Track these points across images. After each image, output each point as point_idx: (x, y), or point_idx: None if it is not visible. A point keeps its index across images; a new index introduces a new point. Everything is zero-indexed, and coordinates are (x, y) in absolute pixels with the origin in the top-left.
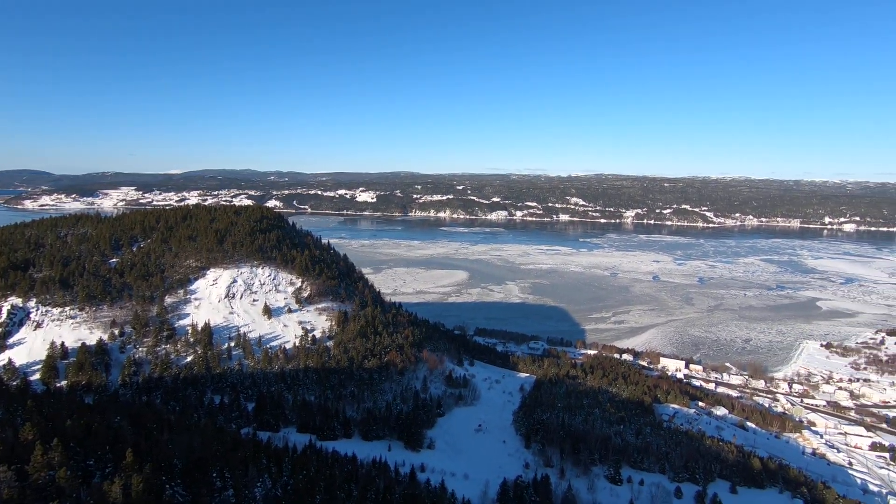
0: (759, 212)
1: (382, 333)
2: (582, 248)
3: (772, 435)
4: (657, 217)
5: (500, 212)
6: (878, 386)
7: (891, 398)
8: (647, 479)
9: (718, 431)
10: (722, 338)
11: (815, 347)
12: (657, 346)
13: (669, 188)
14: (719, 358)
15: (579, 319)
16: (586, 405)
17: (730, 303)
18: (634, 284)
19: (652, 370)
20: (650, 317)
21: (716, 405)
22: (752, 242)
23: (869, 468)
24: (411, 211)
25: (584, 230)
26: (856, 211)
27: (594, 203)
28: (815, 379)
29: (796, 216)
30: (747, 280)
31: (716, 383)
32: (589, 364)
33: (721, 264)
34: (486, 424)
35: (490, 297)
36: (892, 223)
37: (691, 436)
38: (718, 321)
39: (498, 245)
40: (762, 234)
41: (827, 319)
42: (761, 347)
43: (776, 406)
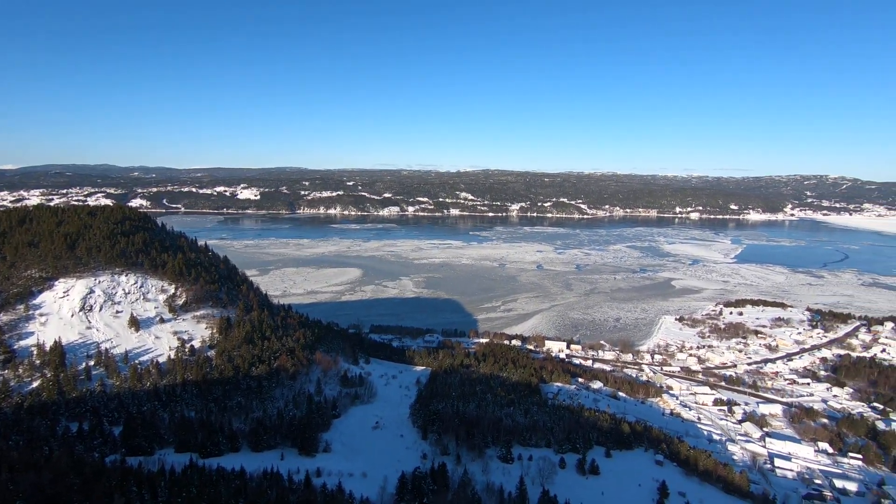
0: (624, 203)
1: (271, 338)
2: (472, 241)
3: (639, 401)
4: (539, 210)
5: (392, 207)
6: (718, 350)
7: (728, 360)
8: (536, 454)
9: (595, 403)
10: (597, 318)
11: (671, 321)
12: (542, 330)
13: (549, 183)
14: (595, 337)
15: (472, 310)
16: (479, 392)
17: (603, 286)
18: (521, 274)
19: (538, 353)
20: (536, 303)
21: (593, 380)
22: (619, 231)
23: (713, 421)
24: (299, 208)
25: (473, 224)
26: (699, 201)
27: (482, 198)
28: (672, 349)
29: (654, 207)
30: (616, 265)
31: (593, 360)
32: (481, 352)
33: (595, 252)
34: (384, 421)
35: (384, 294)
36: (726, 211)
37: (572, 410)
38: (594, 303)
39: (391, 241)
40: (627, 224)
41: (679, 296)
42: (629, 324)
43: (642, 375)
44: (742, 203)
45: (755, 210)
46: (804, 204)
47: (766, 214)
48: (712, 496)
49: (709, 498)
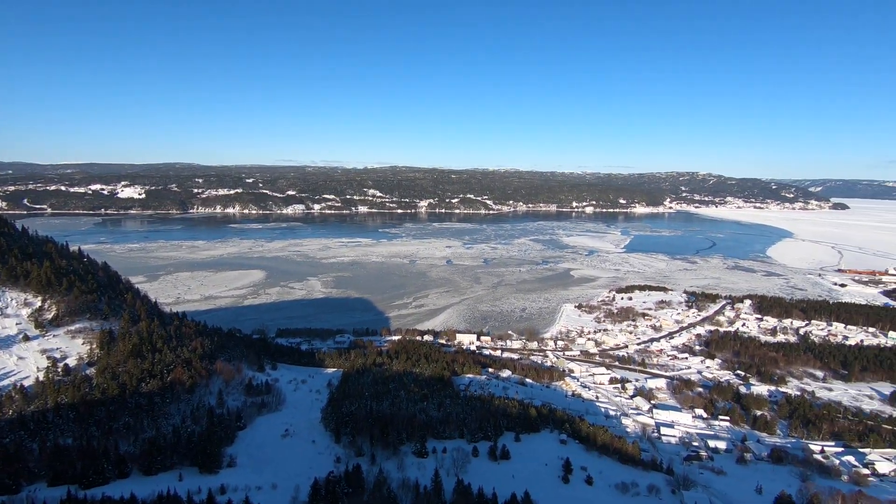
0: (527, 199)
1: (163, 350)
2: (382, 238)
3: (544, 386)
4: (447, 206)
5: (297, 205)
6: (612, 333)
7: (620, 341)
8: (450, 446)
9: (505, 391)
10: (505, 310)
11: (571, 308)
12: (454, 324)
13: (457, 179)
14: (503, 327)
15: (383, 308)
16: (392, 389)
17: (509, 279)
18: (431, 269)
19: (450, 347)
20: (446, 298)
21: (502, 369)
22: (523, 225)
23: (609, 398)
24: (193, 207)
25: (382, 221)
26: (593, 196)
27: (391, 194)
28: (572, 334)
29: (554, 202)
30: (521, 258)
31: (502, 350)
32: (394, 350)
33: (501, 246)
34: (294, 427)
35: (291, 295)
36: (616, 205)
37: (484, 400)
38: (501, 295)
39: (297, 240)
40: (530, 218)
41: (578, 285)
42: (534, 314)
43: (547, 361)
44: (629, 197)
45: (640, 204)
46: (680, 198)
47: (649, 208)
48: (609, 467)
49: (606, 469)
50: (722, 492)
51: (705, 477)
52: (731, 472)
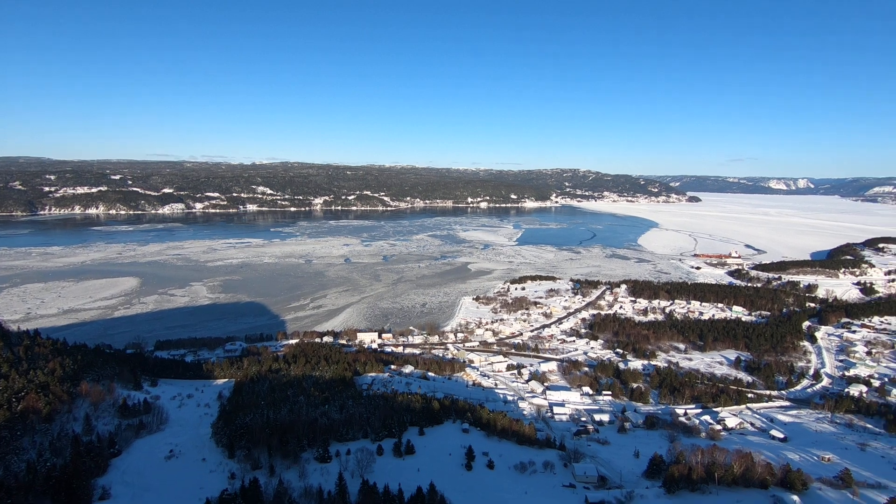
0: (424, 195)
1: (11, 374)
2: (274, 237)
3: (446, 378)
4: (343, 203)
5: (176, 204)
6: (508, 322)
7: (516, 330)
8: (354, 447)
9: (408, 387)
10: (406, 306)
11: (470, 301)
12: (354, 324)
13: (352, 176)
14: (405, 323)
15: (279, 311)
16: (291, 395)
17: (409, 275)
18: (329, 269)
19: (351, 346)
20: (346, 297)
21: (405, 365)
22: (420, 221)
23: (507, 384)
24: (44, 208)
25: (274, 220)
26: (487, 192)
27: (282, 192)
28: (471, 326)
29: (450, 198)
30: (420, 254)
31: (404, 346)
32: (292, 354)
33: (400, 242)
34: (180, 447)
35: (172, 303)
36: (508, 200)
37: (387, 397)
38: (402, 292)
39: (177, 242)
40: (427, 214)
41: (475, 278)
42: (434, 308)
43: (448, 354)
44: (520, 193)
45: (530, 199)
46: (564, 193)
47: (538, 202)
48: (509, 450)
49: (506, 452)
50: (607, 460)
51: (592, 448)
52: (614, 442)
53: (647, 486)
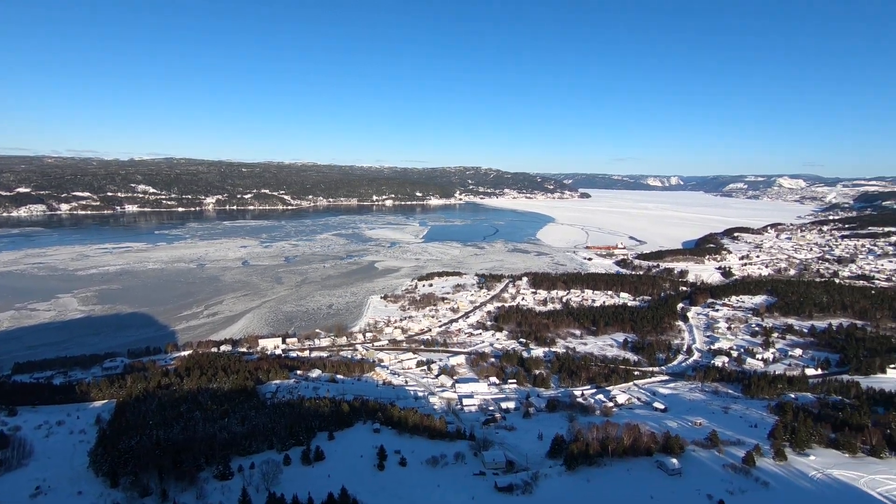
0: (327, 193)
1: None
2: (160, 241)
3: (356, 379)
4: (239, 202)
5: (35, 206)
6: (417, 319)
7: (425, 326)
8: (258, 460)
9: (316, 391)
10: (311, 308)
11: (378, 300)
12: (255, 330)
13: (248, 173)
14: (311, 326)
15: (167, 321)
16: (185, 411)
17: (313, 276)
18: (225, 273)
19: (252, 354)
20: (245, 302)
21: (312, 369)
22: (324, 220)
23: (417, 380)
24: None
25: (160, 221)
26: (392, 190)
27: (168, 191)
28: (380, 325)
29: (354, 196)
30: (325, 254)
31: (310, 349)
32: (184, 367)
33: (303, 243)
34: (50, 482)
35: (34, 319)
36: (413, 198)
37: (293, 404)
38: (306, 294)
39: (38, 249)
40: (331, 213)
41: (383, 276)
42: (342, 309)
43: (357, 355)
44: (425, 190)
45: (435, 196)
46: (468, 190)
47: (442, 199)
48: (421, 446)
49: (418, 448)
50: (513, 445)
51: (500, 435)
52: (519, 427)
53: (551, 465)
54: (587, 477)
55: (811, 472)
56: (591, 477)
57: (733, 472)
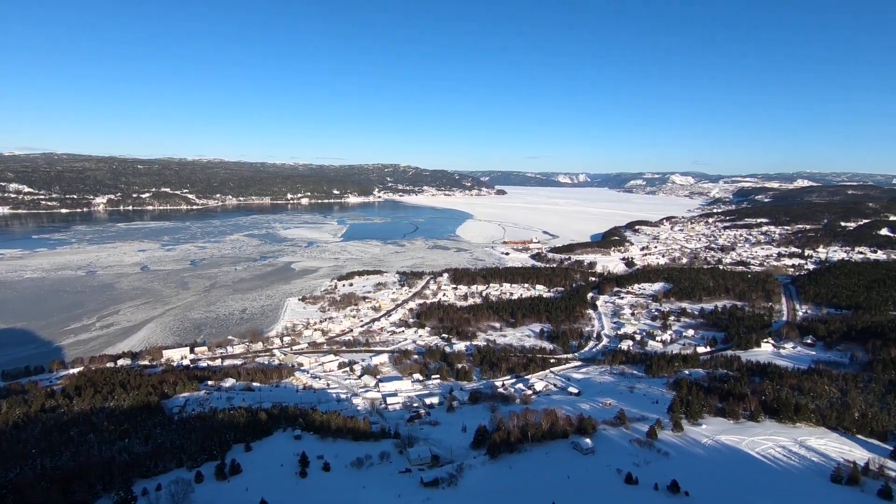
0: (236, 192)
1: None
2: (39, 247)
3: (274, 386)
4: (136, 202)
5: None
6: (338, 320)
7: (346, 327)
8: (165, 480)
9: (230, 402)
10: (222, 314)
11: (296, 302)
12: (158, 340)
13: (145, 170)
14: (222, 333)
15: (51, 336)
16: (77, 435)
17: (224, 279)
18: (120, 280)
19: (156, 367)
20: (145, 311)
21: (225, 378)
22: (234, 220)
23: (339, 382)
24: None
25: (38, 224)
26: (307, 187)
27: (48, 190)
28: (299, 327)
29: (267, 194)
30: (236, 256)
31: (222, 358)
32: (74, 386)
33: (210, 244)
34: None
35: None
36: (331, 196)
37: (205, 417)
38: (216, 299)
39: None
40: (242, 213)
41: (300, 278)
42: (256, 313)
43: (274, 360)
44: (343, 188)
45: (353, 194)
46: (387, 188)
47: (361, 197)
48: (345, 449)
49: (342, 451)
50: (438, 439)
51: (425, 431)
52: (444, 421)
53: (475, 455)
54: (509, 464)
55: (703, 440)
56: (512, 463)
57: (639, 446)
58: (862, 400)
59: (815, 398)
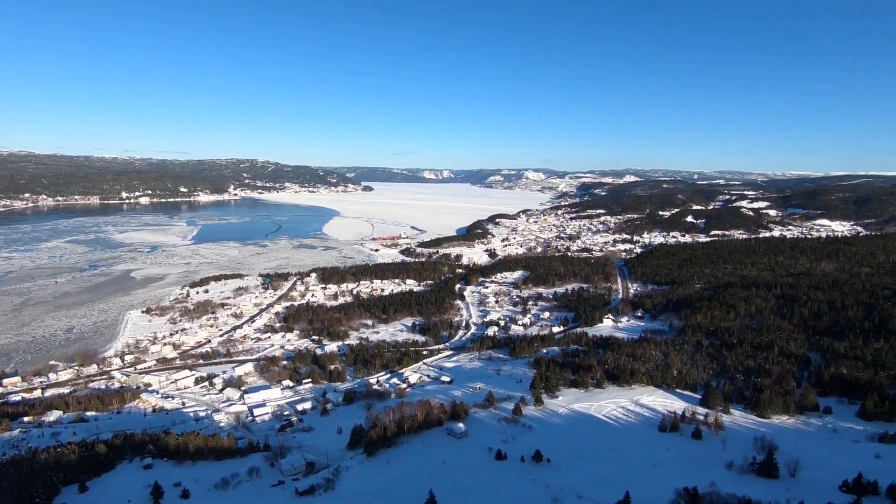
0: (53, 191)
1: None
2: None
3: (114, 413)
4: None
5: None
6: (192, 331)
7: (202, 338)
8: None
9: (55, 438)
10: (39, 336)
11: (138, 315)
12: None
13: None
14: (42, 359)
15: None
16: None
17: (40, 294)
18: None
19: None
20: None
21: (47, 411)
22: (52, 224)
23: (197, 399)
24: None
25: None
26: (147, 185)
27: None
28: (144, 343)
29: (95, 193)
30: (56, 266)
31: (42, 388)
32: None
33: (19, 254)
34: None
35: None
36: (177, 194)
37: (20, 461)
38: (31, 319)
39: None
40: (62, 215)
41: (143, 287)
42: (87, 332)
43: (114, 383)
44: (191, 186)
45: (204, 192)
46: (243, 184)
47: (214, 195)
48: (207, 470)
49: (204, 474)
50: (313, 445)
51: (298, 439)
52: (318, 426)
53: (352, 456)
54: (387, 459)
55: (560, 410)
56: (390, 458)
57: (506, 423)
58: (678, 360)
59: (645, 362)
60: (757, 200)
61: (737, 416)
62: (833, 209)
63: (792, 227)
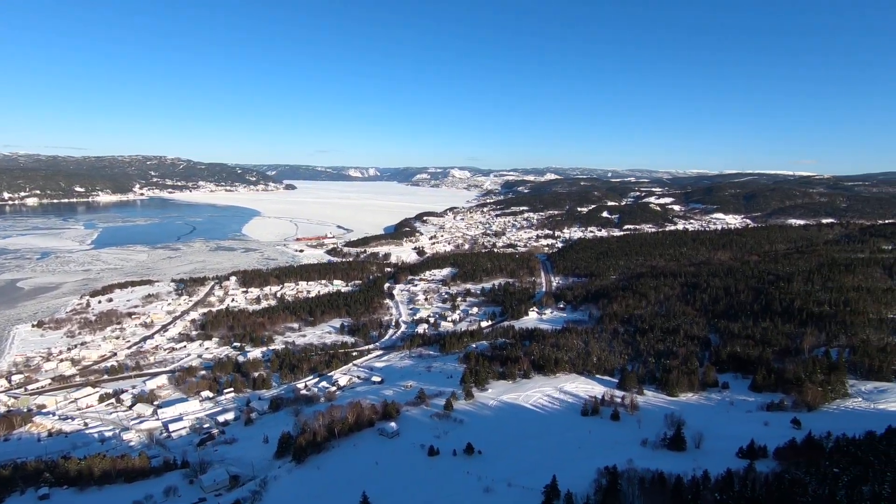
0: None
1: None
2: None
3: (1, 440)
4: None
5: None
6: (94, 344)
7: (107, 351)
8: None
9: None
10: None
11: (28, 330)
12: None
13: None
14: None
15: None
16: None
17: None
18: None
19: None
20: None
21: None
22: None
23: (102, 419)
24: None
25: None
26: (35, 184)
27: None
28: (36, 361)
29: None
30: None
31: None
32: None
33: None
34: None
35: None
36: (72, 194)
37: None
38: None
39: None
40: None
41: (33, 298)
42: None
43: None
44: (88, 185)
45: (104, 191)
46: (151, 183)
47: (116, 195)
48: (115, 495)
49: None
50: (237, 457)
51: (220, 452)
52: (241, 436)
53: (280, 465)
54: (317, 465)
55: (490, 402)
56: (320, 464)
57: (438, 419)
58: (597, 347)
59: (568, 351)
60: (663, 196)
61: (650, 396)
62: (727, 204)
63: (693, 220)
